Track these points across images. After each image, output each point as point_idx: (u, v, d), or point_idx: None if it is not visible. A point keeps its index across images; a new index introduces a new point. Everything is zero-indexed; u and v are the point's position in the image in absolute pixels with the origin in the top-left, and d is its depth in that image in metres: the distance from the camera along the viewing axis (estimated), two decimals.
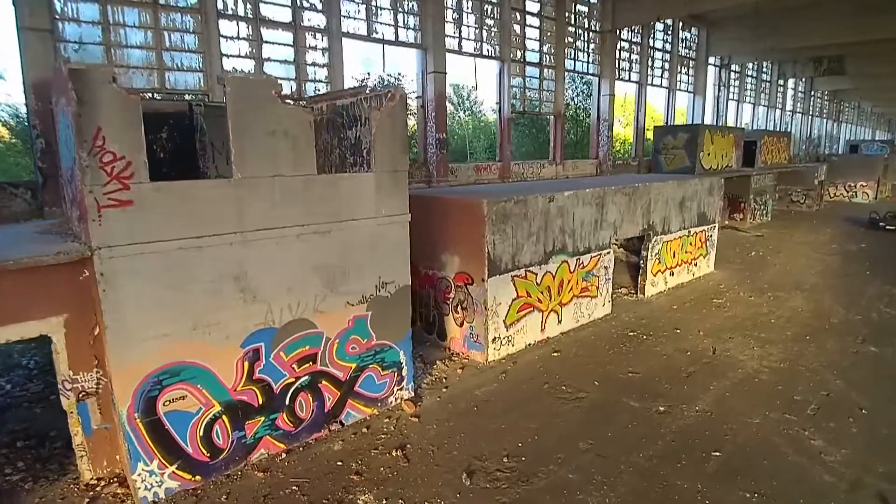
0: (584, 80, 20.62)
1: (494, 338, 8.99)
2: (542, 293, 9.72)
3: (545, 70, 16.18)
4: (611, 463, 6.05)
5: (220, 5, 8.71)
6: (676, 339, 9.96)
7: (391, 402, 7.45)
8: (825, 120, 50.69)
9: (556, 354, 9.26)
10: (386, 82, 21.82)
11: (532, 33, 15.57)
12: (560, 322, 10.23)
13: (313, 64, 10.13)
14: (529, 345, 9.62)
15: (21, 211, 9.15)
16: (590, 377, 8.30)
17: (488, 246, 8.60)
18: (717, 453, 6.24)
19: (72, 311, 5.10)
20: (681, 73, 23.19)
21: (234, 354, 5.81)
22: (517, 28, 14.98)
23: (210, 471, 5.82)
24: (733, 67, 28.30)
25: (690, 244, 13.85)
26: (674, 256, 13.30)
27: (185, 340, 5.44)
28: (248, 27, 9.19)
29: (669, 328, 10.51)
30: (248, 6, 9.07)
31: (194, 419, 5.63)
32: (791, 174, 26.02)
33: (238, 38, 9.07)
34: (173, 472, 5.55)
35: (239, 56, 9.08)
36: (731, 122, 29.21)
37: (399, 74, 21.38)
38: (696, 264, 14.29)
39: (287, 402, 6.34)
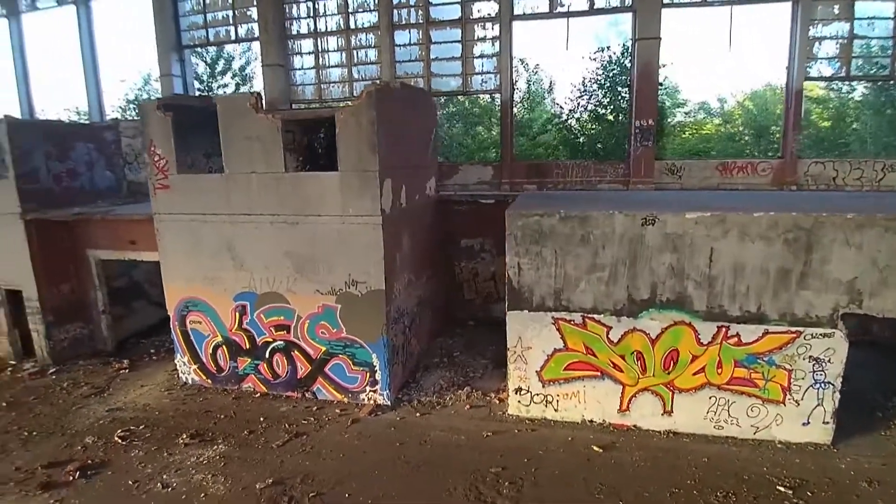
0: None
1: (519, 388, 7.55)
2: (620, 357, 7.08)
3: None
4: None
5: (395, 18, 10.51)
6: None
7: (363, 399, 8.05)
8: None
9: (596, 451, 6.77)
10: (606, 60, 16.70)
11: None
12: (669, 413, 7.08)
13: (481, 56, 10.27)
14: (588, 421, 7.36)
15: None
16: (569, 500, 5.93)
17: (510, 270, 7.24)
18: None
19: None
20: None
21: (229, 304, 8.32)
22: None
23: (217, 380, 8.69)
24: None
25: None
26: None
27: (200, 284, 8.39)
28: (418, 32, 10.54)
29: None
30: (419, 12, 10.39)
31: (206, 340, 8.58)
32: None
33: (409, 44, 10.58)
34: (195, 370, 8.75)
35: (410, 61, 10.64)
36: None
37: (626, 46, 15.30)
38: None
39: (267, 355, 8.34)
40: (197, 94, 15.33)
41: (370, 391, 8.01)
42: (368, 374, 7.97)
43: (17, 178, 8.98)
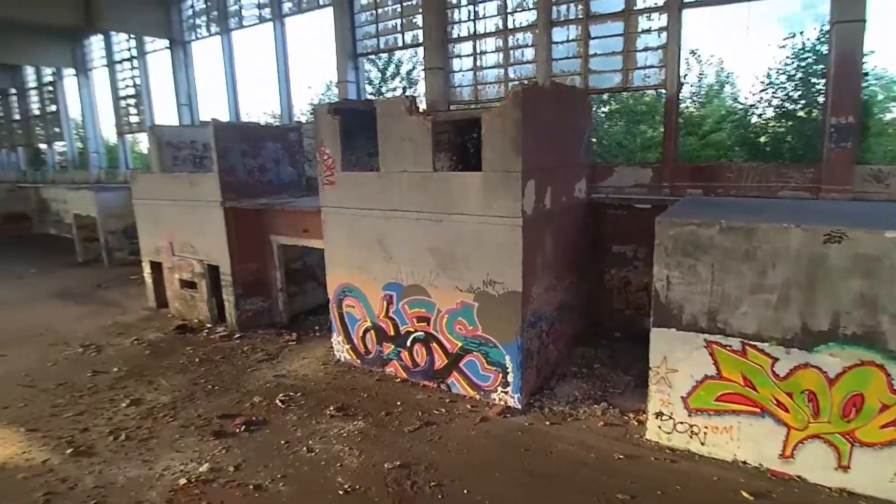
0: None
1: (660, 413, 6.99)
2: (786, 395, 6.16)
3: None
4: None
5: (553, 15, 10.15)
6: None
7: (494, 399, 8.13)
8: None
9: (746, 497, 5.99)
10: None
11: None
12: (844, 468, 6.01)
13: (645, 49, 9.36)
14: (740, 462, 6.55)
15: None
16: None
17: (657, 283, 6.72)
18: None
19: None
20: None
21: (378, 293, 8.99)
22: None
23: (364, 361, 9.46)
24: None
25: None
26: None
27: (355, 272, 9.19)
28: (577, 28, 10.06)
29: None
30: (579, 7, 9.89)
31: (357, 323, 9.38)
32: None
33: (567, 41, 10.13)
34: (347, 349, 9.63)
35: (566, 58, 10.21)
36: None
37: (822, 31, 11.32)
38: None
39: (408, 344, 8.85)
40: (368, 97, 16.72)
41: (501, 392, 8.05)
42: (501, 375, 8.00)
43: (220, 172, 10.75)
